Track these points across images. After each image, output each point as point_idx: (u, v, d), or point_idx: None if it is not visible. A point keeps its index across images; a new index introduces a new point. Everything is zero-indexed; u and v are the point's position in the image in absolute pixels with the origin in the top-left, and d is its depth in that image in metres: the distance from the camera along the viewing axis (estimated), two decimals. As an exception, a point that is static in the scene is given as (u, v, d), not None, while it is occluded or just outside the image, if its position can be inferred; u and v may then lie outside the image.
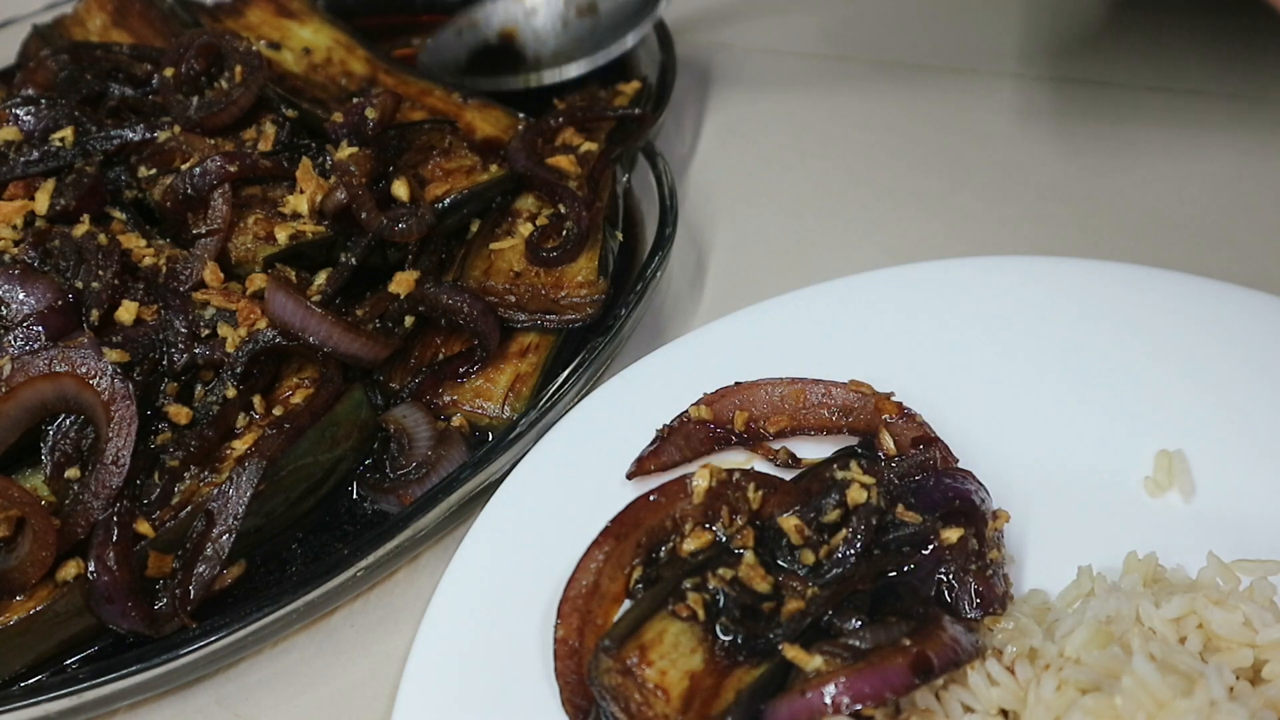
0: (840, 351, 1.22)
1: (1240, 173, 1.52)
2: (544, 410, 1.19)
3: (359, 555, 1.10)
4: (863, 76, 1.72)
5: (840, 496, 1.05)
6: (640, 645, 0.97)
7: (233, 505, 1.08)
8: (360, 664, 1.13)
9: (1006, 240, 1.47)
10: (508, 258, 1.32)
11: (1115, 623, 0.98)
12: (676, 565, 1.04)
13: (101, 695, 1.04)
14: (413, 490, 1.16)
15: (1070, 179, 1.54)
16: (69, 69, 1.39)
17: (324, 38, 1.56)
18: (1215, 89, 1.64)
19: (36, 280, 1.16)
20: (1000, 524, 1.07)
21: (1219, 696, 0.87)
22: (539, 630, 1.04)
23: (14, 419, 1.09)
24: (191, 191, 1.25)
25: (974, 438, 1.13)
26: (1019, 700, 0.94)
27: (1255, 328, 1.18)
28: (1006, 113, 1.64)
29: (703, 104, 1.70)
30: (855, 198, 1.55)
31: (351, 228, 1.27)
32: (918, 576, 1.02)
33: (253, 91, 1.33)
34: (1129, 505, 1.11)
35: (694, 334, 1.26)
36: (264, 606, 1.06)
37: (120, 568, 1.04)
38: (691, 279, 1.46)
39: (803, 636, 0.96)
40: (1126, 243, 1.45)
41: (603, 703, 0.96)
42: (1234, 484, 1.10)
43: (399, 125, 1.39)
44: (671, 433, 1.16)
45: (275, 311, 1.16)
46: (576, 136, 1.44)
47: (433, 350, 1.27)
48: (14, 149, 1.28)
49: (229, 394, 1.14)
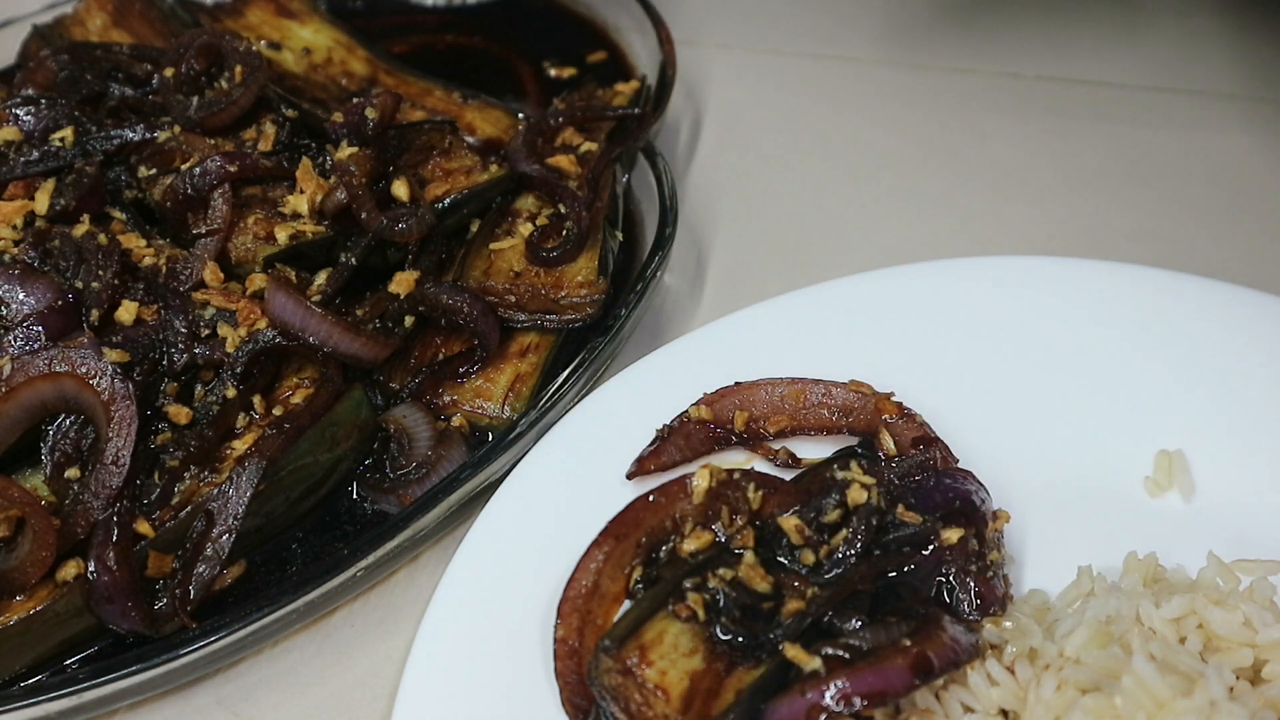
0: (840, 351, 1.22)
1: (1240, 172, 1.52)
2: (544, 410, 1.19)
3: (359, 555, 1.10)
4: (863, 76, 1.72)
5: (840, 496, 1.05)
6: (640, 645, 0.97)
7: (233, 505, 1.08)
8: (360, 664, 1.13)
9: (1007, 240, 1.47)
10: (508, 258, 1.32)
11: (1115, 623, 0.98)
12: (676, 565, 1.04)
13: (101, 695, 1.04)
14: (413, 490, 1.16)
15: (1069, 179, 1.54)
16: (69, 69, 1.39)
17: (324, 38, 1.55)
18: (1215, 89, 1.64)
19: (36, 280, 1.16)
20: (1000, 524, 1.07)
21: (1219, 696, 0.87)
22: (539, 630, 1.04)
23: (14, 419, 1.09)
24: (191, 191, 1.24)
25: (974, 438, 1.13)
26: (1019, 700, 0.95)
27: (1255, 328, 1.18)
28: (1007, 113, 1.64)
29: (703, 104, 1.70)
30: (855, 198, 1.55)
31: (351, 228, 1.27)
32: (918, 577, 1.02)
33: (253, 91, 1.33)
34: (1129, 505, 1.11)
35: (694, 334, 1.26)
36: (264, 606, 1.06)
37: (120, 568, 1.04)
38: (691, 279, 1.46)
39: (803, 637, 0.96)
40: (1126, 243, 1.45)
41: (603, 703, 0.96)
42: (1234, 484, 1.10)
43: (399, 125, 1.39)
44: (671, 433, 1.16)
45: (275, 311, 1.16)
46: (576, 136, 1.44)
47: (433, 350, 1.27)
48: (14, 149, 1.28)
49: (229, 394, 1.14)
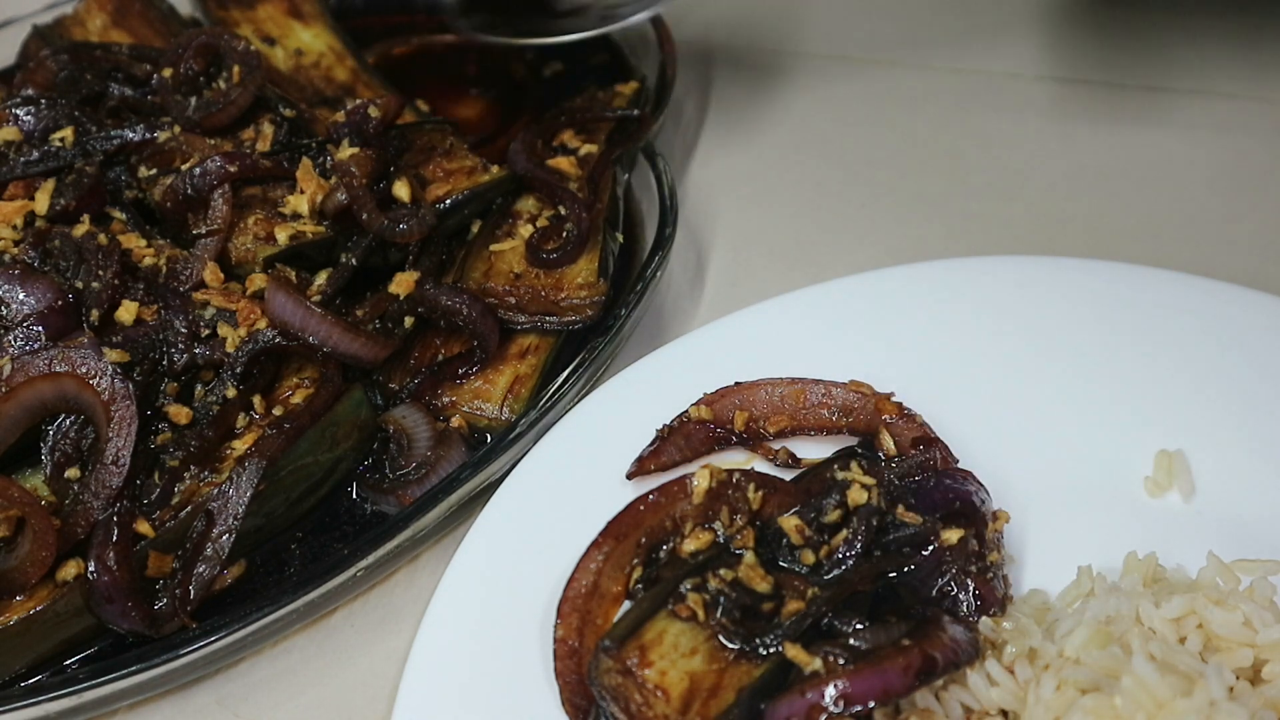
0: (840, 351, 1.22)
1: (1240, 172, 1.52)
2: (543, 411, 1.19)
3: (359, 555, 1.10)
4: (862, 76, 1.72)
5: (840, 497, 1.05)
6: (640, 645, 0.97)
7: (233, 505, 1.08)
8: (360, 664, 1.13)
9: (1006, 240, 1.46)
10: (508, 259, 1.32)
11: (1115, 623, 0.98)
12: (676, 565, 1.04)
13: (101, 695, 1.04)
14: (412, 491, 1.16)
15: (1070, 179, 1.54)
16: (69, 69, 1.39)
17: (321, 43, 1.55)
18: (1215, 89, 1.64)
19: (36, 280, 1.15)
20: (1000, 525, 1.07)
21: (1219, 696, 0.87)
22: (539, 630, 1.04)
23: (14, 419, 1.09)
24: (191, 191, 1.24)
25: (974, 438, 1.13)
26: (1019, 700, 0.94)
27: (1255, 328, 1.18)
28: (1006, 113, 1.64)
29: (703, 104, 1.70)
30: (855, 198, 1.55)
31: (352, 228, 1.27)
32: (918, 577, 1.02)
33: (250, 91, 1.33)
34: (1129, 505, 1.10)
35: (694, 334, 1.26)
36: (264, 606, 1.06)
37: (120, 568, 1.04)
38: (691, 279, 1.46)
39: (803, 637, 0.96)
40: (1126, 243, 1.45)
41: (603, 703, 0.96)
42: (1234, 484, 1.10)
43: (400, 125, 1.39)
44: (671, 433, 1.16)
45: (275, 311, 1.16)
46: (576, 138, 1.44)
47: (432, 351, 1.27)
48: (14, 149, 1.28)
49: (229, 394, 1.14)
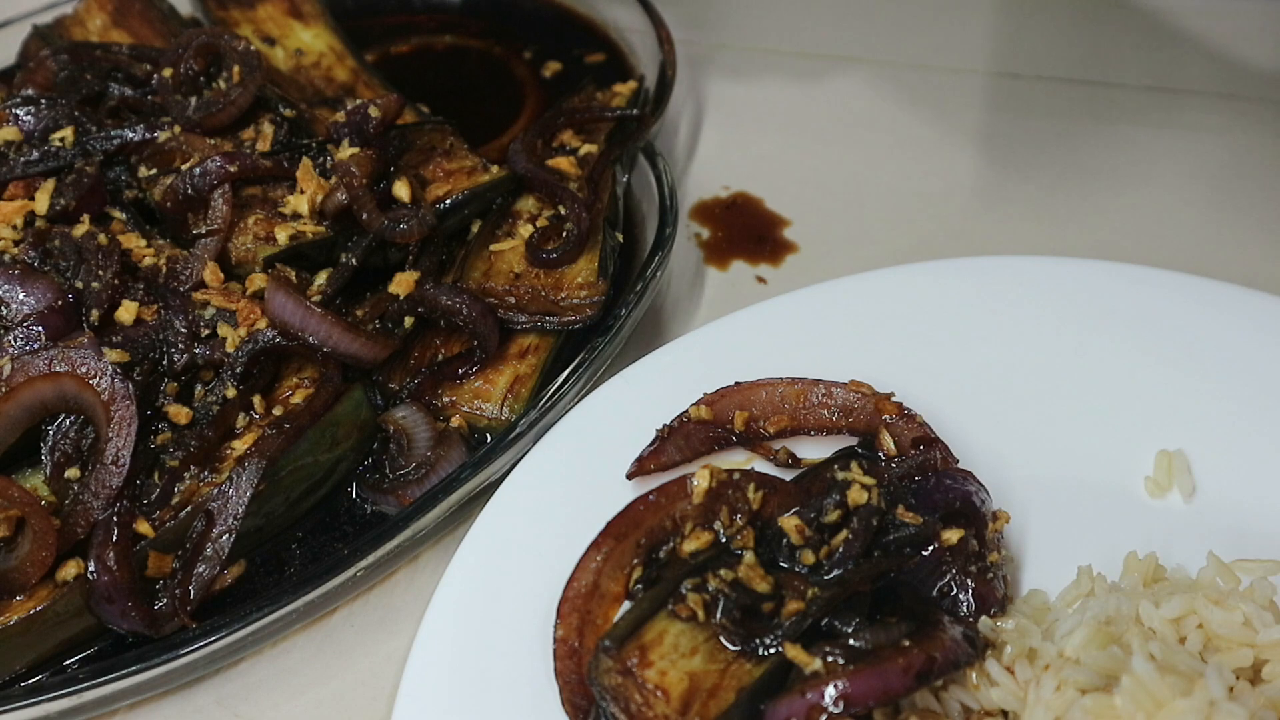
0: (840, 351, 1.22)
1: (1240, 172, 1.52)
2: (543, 411, 1.19)
3: (359, 555, 1.10)
4: (863, 76, 1.72)
5: (841, 497, 1.05)
6: (640, 646, 0.97)
7: (233, 505, 1.08)
8: (360, 664, 1.13)
9: (1006, 240, 1.46)
10: (508, 259, 1.32)
11: (1115, 623, 0.98)
12: (676, 566, 1.04)
13: (101, 695, 1.04)
14: (412, 491, 1.16)
15: (1069, 179, 1.54)
16: (69, 69, 1.39)
17: (321, 43, 1.56)
18: (1215, 89, 1.64)
19: (36, 280, 1.16)
20: (1000, 525, 1.07)
21: (1219, 696, 0.87)
22: (539, 630, 1.04)
23: (14, 419, 1.09)
24: (192, 191, 1.24)
25: (974, 438, 1.13)
26: (1019, 700, 0.95)
27: (1255, 328, 1.18)
28: (1006, 112, 1.64)
29: (703, 104, 1.70)
30: (855, 198, 1.55)
31: (352, 228, 1.27)
32: (918, 577, 1.02)
33: (250, 91, 1.33)
34: (1129, 505, 1.11)
35: (694, 334, 1.26)
36: (264, 606, 1.06)
37: (120, 568, 1.04)
38: (691, 279, 1.46)
39: (803, 637, 0.96)
40: (1126, 243, 1.45)
41: (603, 703, 0.96)
42: (1234, 484, 1.10)
43: (400, 125, 1.39)
44: (671, 433, 1.16)
45: (275, 311, 1.16)
46: (576, 138, 1.44)
47: (432, 351, 1.27)
48: (14, 149, 1.28)
49: (229, 394, 1.14)
